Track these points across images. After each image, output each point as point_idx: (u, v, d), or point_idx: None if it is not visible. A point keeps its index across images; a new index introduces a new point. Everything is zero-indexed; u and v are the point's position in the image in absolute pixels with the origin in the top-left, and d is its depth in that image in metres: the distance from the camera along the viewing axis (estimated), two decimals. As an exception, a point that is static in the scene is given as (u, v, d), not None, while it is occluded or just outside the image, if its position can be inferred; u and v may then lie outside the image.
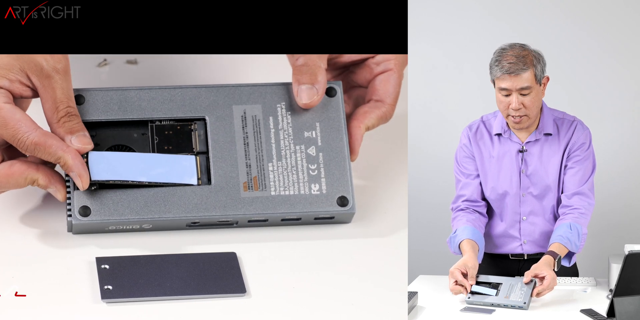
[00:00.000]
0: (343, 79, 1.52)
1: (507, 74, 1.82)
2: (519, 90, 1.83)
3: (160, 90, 1.41)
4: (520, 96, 1.84)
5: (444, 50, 2.72)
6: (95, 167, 1.36)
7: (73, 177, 1.34)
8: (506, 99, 1.85)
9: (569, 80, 2.61)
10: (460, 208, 1.96)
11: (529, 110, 1.86)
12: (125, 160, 1.37)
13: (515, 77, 1.82)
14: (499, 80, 1.84)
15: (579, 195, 1.90)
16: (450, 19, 2.71)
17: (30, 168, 1.33)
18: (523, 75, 1.82)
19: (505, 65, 1.82)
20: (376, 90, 1.48)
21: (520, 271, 1.93)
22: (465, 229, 1.89)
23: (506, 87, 1.83)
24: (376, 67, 1.48)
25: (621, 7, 2.60)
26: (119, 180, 1.36)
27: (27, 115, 1.33)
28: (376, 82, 1.48)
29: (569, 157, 1.92)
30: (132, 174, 1.37)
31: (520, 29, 2.60)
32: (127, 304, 1.30)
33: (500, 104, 1.87)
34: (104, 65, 1.63)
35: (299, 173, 1.41)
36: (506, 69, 1.82)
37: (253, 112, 1.42)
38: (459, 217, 1.94)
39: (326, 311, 1.32)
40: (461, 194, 1.98)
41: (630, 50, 2.61)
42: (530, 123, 1.90)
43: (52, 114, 1.34)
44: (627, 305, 1.58)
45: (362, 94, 1.51)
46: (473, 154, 1.97)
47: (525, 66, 1.82)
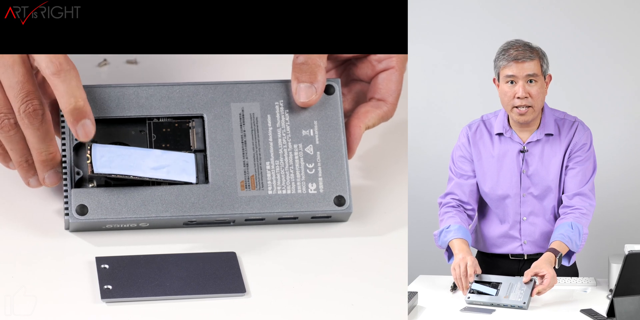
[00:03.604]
0: (343, 71, 1.52)
1: (513, 61, 1.82)
2: (526, 77, 1.83)
3: (158, 88, 1.41)
4: (526, 85, 1.84)
5: (444, 51, 2.72)
6: (99, 160, 1.36)
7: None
8: (512, 88, 1.85)
9: (569, 80, 2.61)
10: (450, 204, 1.96)
11: (535, 101, 1.85)
12: (128, 154, 1.38)
13: (522, 64, 1.83)
14: (505, 68, 1.84)
15: (580, 196, 1.90)
16: (450, 19, 2.71)
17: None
18: (530, 62, 1.83)
19: (512, 53, 1.83)
20: (378, 88, 1.48)
21: (520, 271, 1.93)
22: (460, 228, 1.90)
23: (513, 73, 1.83)
24: (378, 64, 1.48)
25: (622, 7, 2.60)
26: (121, 174, 1.36)
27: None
28: (378, 80, 1.48)
29: (570, 157, 1.92)
30: (133, 169, 1.37)
31: (520, 29, 2.60)
32: (127, 304, 1.30)
33: (505, 95, 1.87)
34: (103, 65, 1.63)
35: (296, 172, 1.41)
36: (513, 57, 1.83)
37: (251, 110, 1.42)
38: (450, 213, 1.94)
39: (326, 311, 1.32)
40: (452, 192, 1.98)
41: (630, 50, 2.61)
42: (534, 116, 1.89)
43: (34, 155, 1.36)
44: (627, 305, 1.58)
45: (362, 89, 1.51)
46: (471, 154, 1.97)
47: (532, 55, 1.83)
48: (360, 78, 1.50)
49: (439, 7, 2.72)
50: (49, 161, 1.36)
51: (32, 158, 1.36)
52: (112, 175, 1.36)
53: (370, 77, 1.49)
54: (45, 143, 1.35)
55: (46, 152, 1.35)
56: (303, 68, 1.42)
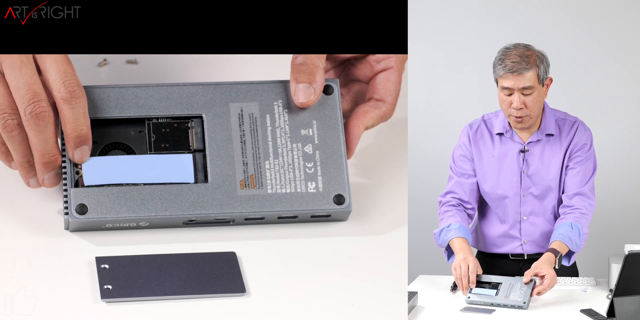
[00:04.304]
0: (342, 71, 1.52)
1: (509, 72, 1.82)
2: (521, 89, 1.83)
3: (157, 88, 1.41)
4: (522, 96, 1.84)
5: (444, 51, 2.72)
6: (89, 172, 1.36)
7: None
8: (508, 98, 1.85)
9: (570, 80, 2.61)
10: (451, 203, 1.96)
11: (531, 111, 1.86)
12: (120, 164, 1.38)
13: (517, 77, 1.82)
14: (502, 79, 1.84)
15: (580, 196, 1.91)
16: (450, 19, 2.71)
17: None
18: (526, 74, 1.82)
19: (508, 64, 1.83)
20: (377, 89, 1.48)
21: (521, 271, 1.93)
22: (460, 228, 1.90)
23: (508, 86, 1.84)
24: (376, 65, 1.48)
25: (622, 7, 2.60)
26: (114, 184, 1.37)
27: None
28: (377, 80, 1.48)
29: (570, 157, 1.92)
30: (127, 177, 1.37)
31: (520, 29, 2.60)
32: (127, 304, 1.30)
33: (503, 103, 1.88)
34: (103, 65, 1.63)
35: (295, 171, 1.41)
36: (509, 68, 1.82)
37: (250, 109, 1.43)
38: (450, 211, 1.94)
39: (326, 311, 1.32)
40: (451, 190, 1.98)
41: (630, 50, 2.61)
42: (531, 123, 1.90)
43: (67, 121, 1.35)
44: (627, 305, 1.58)
45: (361, 89, 1.51)
46: (471, 153, 1.97)
47: (528, 66, 1.82)
48: (358, 78, 1.50)
49: (439, 7, 2.72)
50: (51, 163, 1.36)
51: (33, 159, 1.36)
52: (104, 185, 1.36)
53: (369, 77, 1.49)
54: (49, 145, 1.35)
55: (49, 154, 1.35)
56: (301, 68, 1.42)
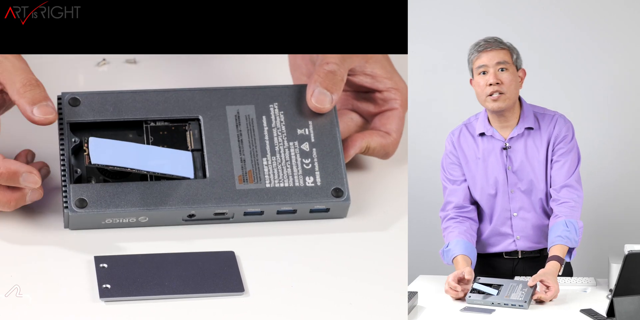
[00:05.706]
0: (345, 98, 1.55)
1: (483, 51, 1.87)
2: (496, 65, 1.86)
3: (154, 93, 1.43)
4: (498, 72, 1.87)
5: (443, 51, 2.72)
6: (95, 151, 1.36)
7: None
8: (484, 78, 1.88)
9: (569, 80, 2.61)
10: (450, 217, 1.96)
11: (507, 88, 1.88)
12: (126, 149, 1.38)
13: (491, 52, 1.88)
14: (477, 60, 1.89)
15: (567, 188, 1.91)
16: (450, 19, 2.71)
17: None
18: (500, 51, 1.88)
19: (482, 44, 1.89)
20: (384, 123, 1.52)
21: (515, 270, 1.93)
22: (458, 242, 1.89)
23: (483, 63, 1.87)
24: (383, 104, 1.53)
25: (622, 7, 2.60)
26: (118, 166, 1.36)
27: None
28: (385, 115, 1.53)
29: (554, 150, 1.93)
30: (132, 162, 1.37)
31: (520, 29, 2.59)
32: (126, 303, 1.30)
33: (478, 86, 1.90)
34: (103, 65, 1.63)
35: (293, 167, 1.42)
36: (483, 47, 1.88)
37: (246, 111, 1.44)
38: (450, 228, 1.94)
39: (325, 311, 1.32)
40: (449, 200, 1.98)
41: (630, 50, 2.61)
42: (508, 104, 1.89)
43: (12, 89, 1.34)
44: (627, 305, 1.58)
45: (353, 119, 1.54)
46: (458, 158, 1.97)
47: (502, 45, 1.89)
48: (358, 110, 1.54)
49: (439, 7, 2.71)
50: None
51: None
52: (109, 167, 1.36)
53: (370, 113, 1.53)
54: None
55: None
56: (330, 76, 1.44)
